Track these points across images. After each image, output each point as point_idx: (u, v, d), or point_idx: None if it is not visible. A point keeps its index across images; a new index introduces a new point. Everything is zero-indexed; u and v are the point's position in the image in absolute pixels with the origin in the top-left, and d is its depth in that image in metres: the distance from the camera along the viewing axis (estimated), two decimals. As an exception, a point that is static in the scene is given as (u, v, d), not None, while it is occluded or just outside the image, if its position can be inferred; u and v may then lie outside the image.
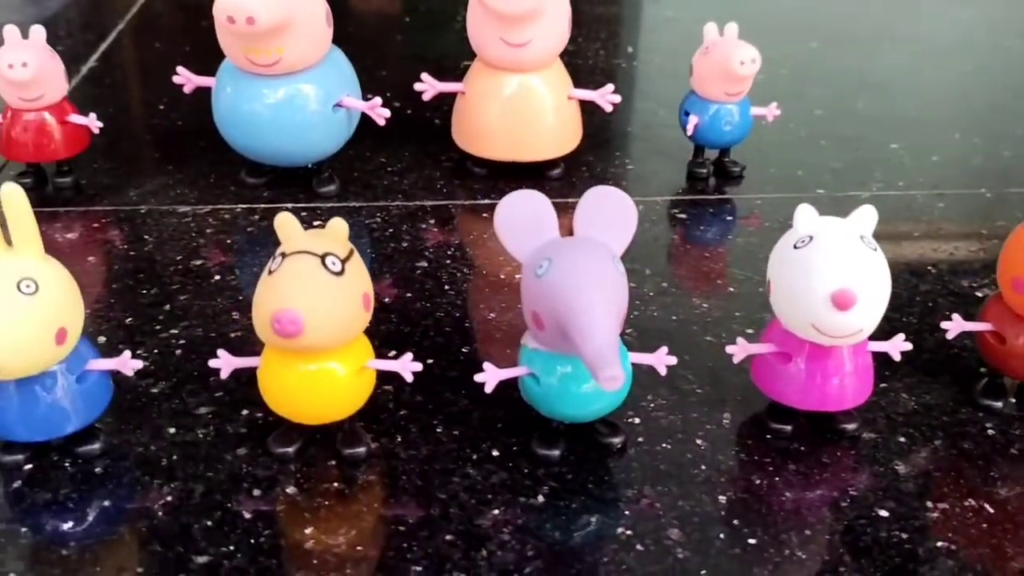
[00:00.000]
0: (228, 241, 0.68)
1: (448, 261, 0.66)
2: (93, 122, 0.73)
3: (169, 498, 0.46)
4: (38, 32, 0.70)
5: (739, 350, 0.51)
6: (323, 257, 0.44)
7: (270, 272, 0.44)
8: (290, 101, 0.69)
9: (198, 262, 0.65)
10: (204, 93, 0.73)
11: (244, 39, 0.65)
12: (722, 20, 0.74)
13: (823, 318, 0.45)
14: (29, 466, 0.48)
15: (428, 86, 0.75)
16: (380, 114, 0.70)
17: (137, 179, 0.75)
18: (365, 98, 0.72)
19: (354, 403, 0.48)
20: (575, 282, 0.43)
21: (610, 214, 0.47)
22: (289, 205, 0.72)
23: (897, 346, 0.51)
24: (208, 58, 0.72)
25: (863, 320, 0.45)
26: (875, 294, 0.45)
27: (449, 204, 0.74)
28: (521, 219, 0.47)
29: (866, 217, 0.48)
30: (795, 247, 0.47)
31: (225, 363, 0.48)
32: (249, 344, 0.56)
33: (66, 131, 0.72)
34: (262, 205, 0.72)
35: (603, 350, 0.41)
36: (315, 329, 0.43)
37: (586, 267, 0.44)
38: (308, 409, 0.47)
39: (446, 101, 0.77)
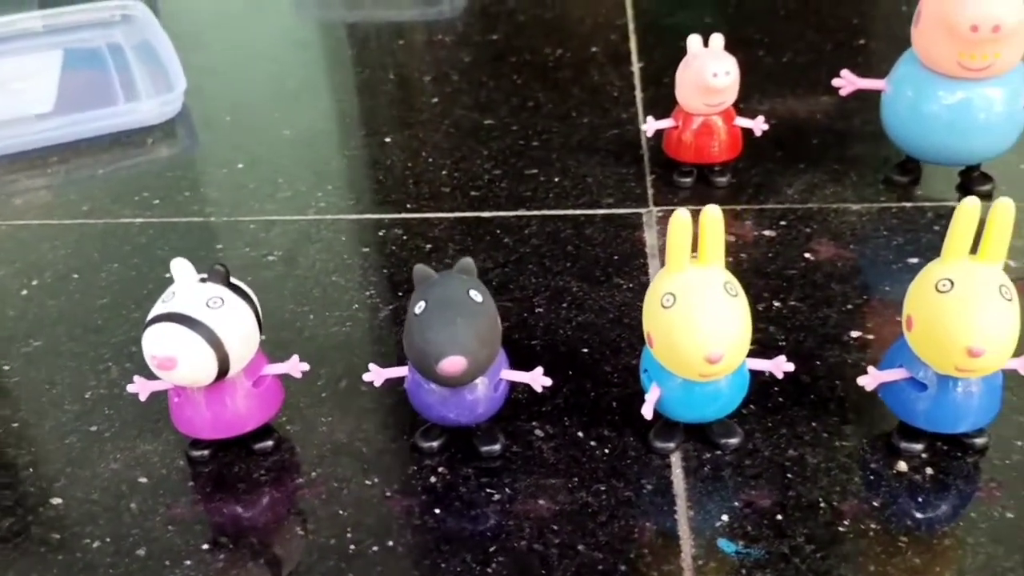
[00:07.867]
0: (922, 239, 0.71)
1: None
2: (759, 124, 0.77)
3: None
4: (719, 40, 0.75)
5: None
6: None
7: None
8: (974, 103, 0.70)
9: (915, 260, 0.69)
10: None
11: (968, 45, 0.67)
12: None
13: None
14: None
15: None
16: (1078, 114, 0.71)
17: (785, 178, 0.79)
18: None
19: None
20: None
21: None
22: (929, 204, 0.74)
23: None
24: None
25: None
26: None
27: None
28: None
29: None
30: None
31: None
32: None
33: (729, 134, 0.77)
34: (932, 204, 0.74)
35: None
36: None
37: None
38: None
39: None
